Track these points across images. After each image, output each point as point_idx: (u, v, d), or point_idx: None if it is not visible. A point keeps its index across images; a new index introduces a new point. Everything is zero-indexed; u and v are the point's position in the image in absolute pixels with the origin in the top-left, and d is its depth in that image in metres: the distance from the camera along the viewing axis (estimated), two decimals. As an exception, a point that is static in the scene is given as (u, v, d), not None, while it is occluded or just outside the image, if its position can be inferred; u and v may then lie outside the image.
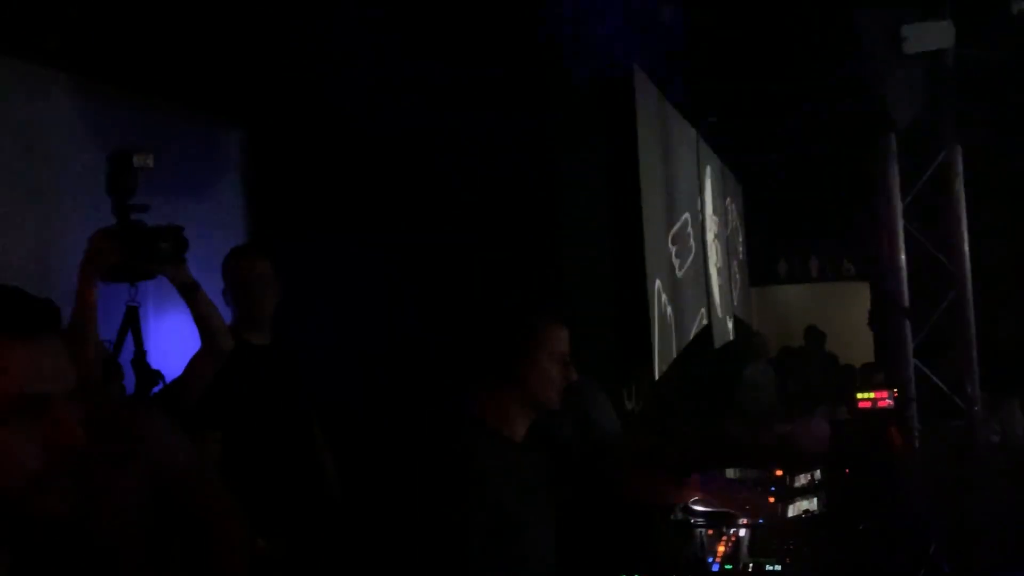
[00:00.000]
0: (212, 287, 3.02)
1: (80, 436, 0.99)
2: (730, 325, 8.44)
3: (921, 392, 3.75)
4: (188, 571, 2.15)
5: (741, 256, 9.97)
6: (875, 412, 4.14)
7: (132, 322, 2.52)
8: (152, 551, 1.96)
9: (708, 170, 7.71)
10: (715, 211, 8.00)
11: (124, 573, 1.87)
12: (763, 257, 10.86)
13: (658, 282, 4.89)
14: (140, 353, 2.54)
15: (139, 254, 2.39)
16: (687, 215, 6.35)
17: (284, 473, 2.95)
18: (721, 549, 2.54)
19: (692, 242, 6.44)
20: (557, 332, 2.19)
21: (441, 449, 2.14)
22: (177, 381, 2.69)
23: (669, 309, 5.28)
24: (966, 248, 3.75)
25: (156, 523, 1.97)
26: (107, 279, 2.37)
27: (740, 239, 10.00)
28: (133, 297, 2.49)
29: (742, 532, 2.69)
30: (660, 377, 4.79)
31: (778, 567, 2.37)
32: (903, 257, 3.70)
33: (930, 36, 3.16)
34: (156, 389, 2.62)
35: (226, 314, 2.76)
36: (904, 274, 3.70)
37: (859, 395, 4.30)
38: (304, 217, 3.96)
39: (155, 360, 2.64)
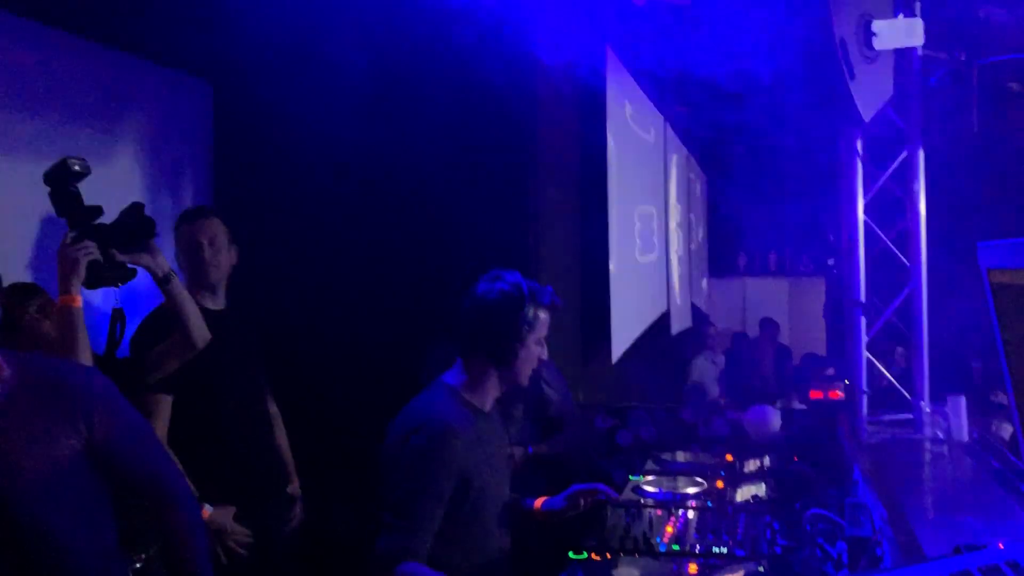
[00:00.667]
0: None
1: None
2: (688, 313, 8.51)
3: (871, 385, 3.82)
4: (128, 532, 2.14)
5: (702, 247, 10.06)
6: (826, 403, 4.22)
7: (120, 323, 2.51)
8: (82, 503, 1.95)
9: (674, 159, 7.75)
10: (679, 200, 8.04)
11: (44, 515, 1.86)
12: (723, 249, 10.98)
13: (619, 265, 4.91)
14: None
15: (112, 248, 2.37)
16: (652, 202, 6.38)
17: (233, 441, 2.93)
18: (669, 530, 2.57)
19: (655, 229, 6.48)
20: (545, 317, 2.28)
21: (415, 412, 2.19)
22: (140, 358, 2.67)
23: (630, 293, 5.30)
24: (923, 246, 3.81)
25: (89, 479, 1.95)
26: (90, 286, 2.35)
27: (702, 230, 10.08)
28: (117, 299, 2.49)
29: (690, 514, 2.73)
30: (617, 361, 4.83)
31: (724, 549, 2.41)
32: (861, 251, 3.75)
33: (900, 33, 3.19)
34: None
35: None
36: (862, 268, 3.75)
37: (812, 388, 4.38)
38: (271, 176, 3.90)
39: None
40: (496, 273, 2.26)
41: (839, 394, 4.38)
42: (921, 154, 3.77)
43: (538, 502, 2.48)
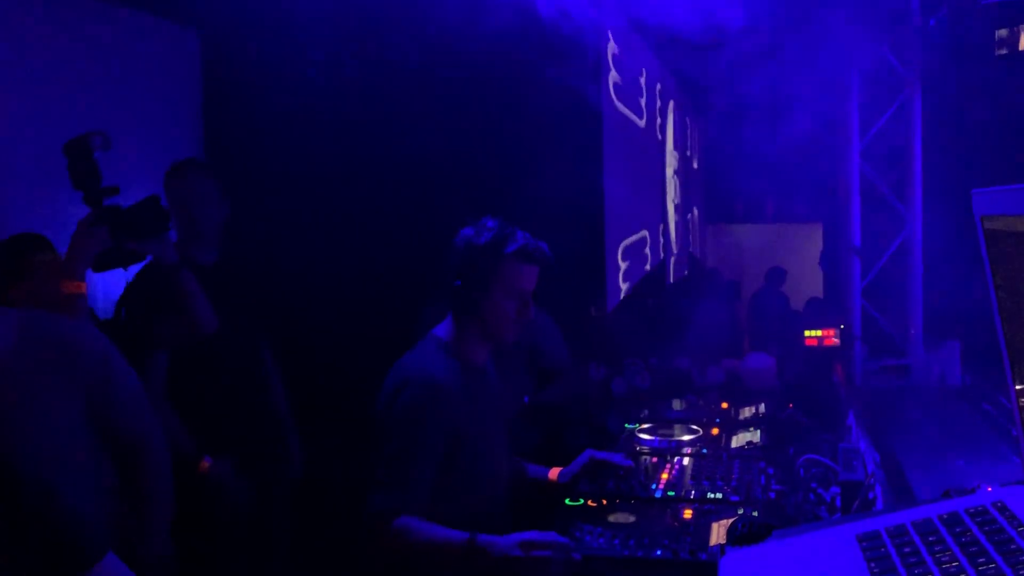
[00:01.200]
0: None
1: None
2: (685, 262, 8.51)
3: (866, 332, 3.84)
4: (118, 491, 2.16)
5: (698, 194, 10.02)
6: (821, 350, 4.24)
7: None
8: (80, 460, 1.96)
9: (671, 104, 7.67)
10: (676, 146, 7.98)
11: (46, 475, 1.87)
12: (720, 196, 10.93)
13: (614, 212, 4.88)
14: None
15: (124, 236, 2.36)
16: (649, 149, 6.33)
17: (230, 394, 2.94)
18: (665, 476, 2.60)
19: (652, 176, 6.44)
20: (522, 270, 2.21)
21: (403, 367, 2.18)
22: (137, 327, 2.68)
23: (628, 240, 5.29)
24: (919, 192, 3.80)
25: (87, 436, 1.96)
26: (99, 269, 2.34)
27: (699, 177, 10.03)
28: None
29: (685, 461, 2.76)
30: (613, 310, 4.83)
31: (719, 495, 2.44)
32: (857, 198, 3.74)
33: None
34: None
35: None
36: (857, 214, 3.74)
37: (807, 332, 4.39)
38: (262, 128, 3.85)
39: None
40: (482, 221, 2.23)
41: (835, 341, 4.40)
42: (919, 99, 3.74)
43: (553, 472, 2.50)
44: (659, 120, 6.99)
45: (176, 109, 3.78)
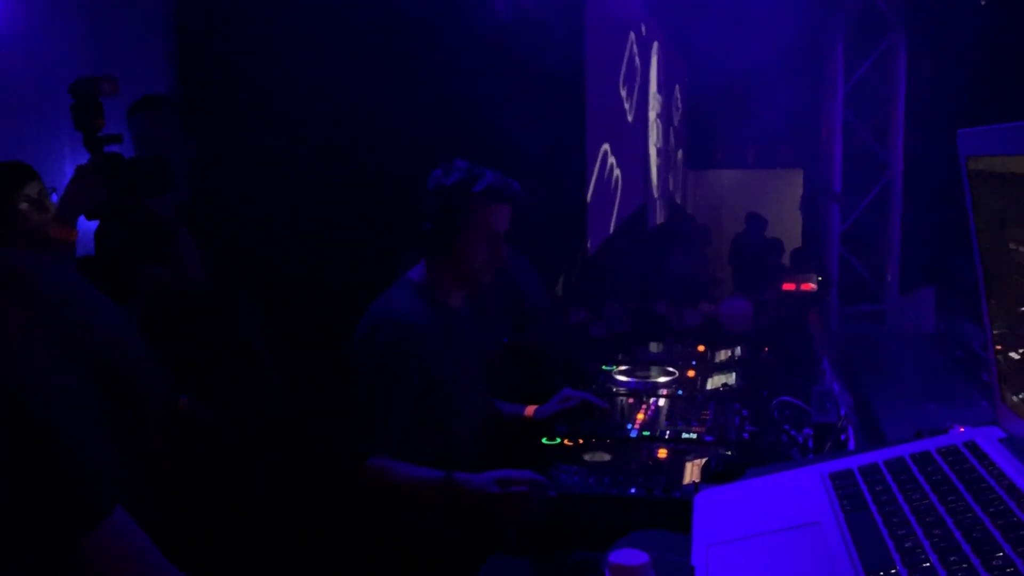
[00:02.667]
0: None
1: None
2: (666, 207, 8.50)
3: (843, 277, 3.86)
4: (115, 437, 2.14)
5: (680, 138, 9.97)
6: (798, 295, 4.27)
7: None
8: (71, 411, 1.93)
9: (655, 46, 7.57)
10: (659, 90, 7.91)
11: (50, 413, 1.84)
12: (701, 141, 10.88)
13: (606, 146, 4.85)
14: None
15: (123, 187, 2.28)
16: (626, 90, 6.27)
17: (205, 333, 2.92)
18: (640, 417, 2.62)
19: (632, 118, 6.39)
20: (492, 209, 2.18)
21: (375, 309, 2.17)
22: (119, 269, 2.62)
23: (615, 174, 5.27)
24: (900, 138, 3.79)
25: (75, 383, 1.93)
26: (93, 218, 2.26)
27: (681, 121, 9.97)
28: None
29: (661, 402, 2.79)
30: (593, 254, 4.83)
31: (693, 435, 2.46)
32: (839, 143, 3.73)
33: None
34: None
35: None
36: (839, 160, 3.73)
37: (785, 279, 4.42)
38: (239, 58, 3.74)
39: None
40: (452, 162, 2.20)
41: (811, 286, 4.43)
42: (903, 44, 3.71)
43: (529, 410, 2.51)
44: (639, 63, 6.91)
45: (142, 35, 3.66)
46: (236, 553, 2.91)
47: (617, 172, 5.70)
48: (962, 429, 1.25)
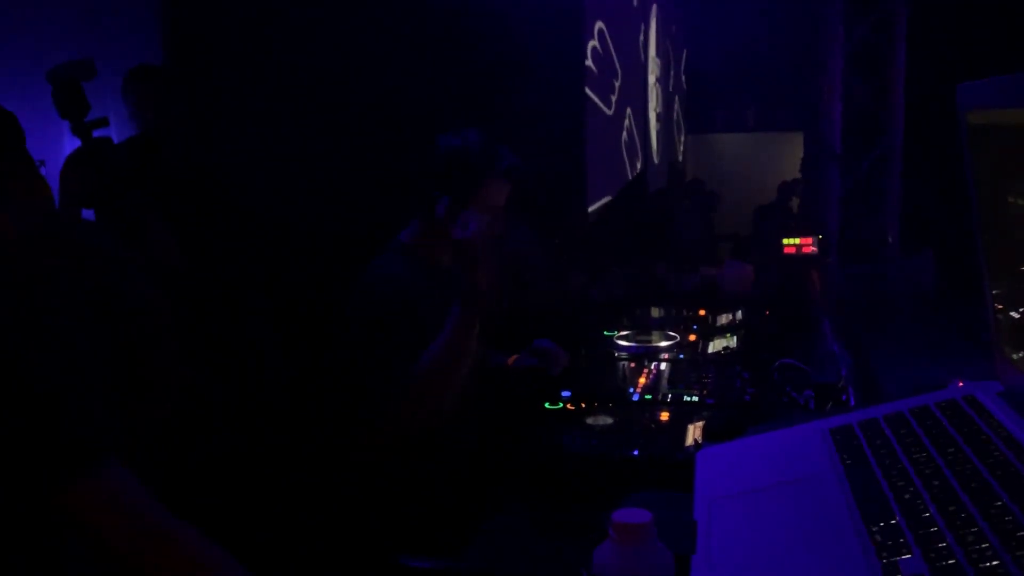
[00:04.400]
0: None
1: None
2: (665, 171, 8.47)
3: (844, 239, 3.86)
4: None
5: (681, 102, 9.91)
6: (799, 258, 4.27)
7: None
8: (94, 374, 1.93)
9: (654, 8, 7.50)
10: (658, 54, 7.84)
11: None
12: (701, 105, 10.82)
13: (594, 119, 4.83)
14: None
15: (110, 174, 2.27)
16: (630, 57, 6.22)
17: (208, 305, 2.92)
18: (642, 380, 2.64)
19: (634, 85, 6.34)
20: (502, 186, 2.18)
21: (370, 269, 2.17)
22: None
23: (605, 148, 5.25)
24: (901, 99, 3.77)
25: (102, 348, 1.93)
26: (87, 206, 2.25)
27: (682, 85, 9.90)
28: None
29: (663, 366, 2.80)
30: (593, 218, 4.82)
31: (695, 398, 2.48)
32: (839, 104, 3.71)
33: None
34: None
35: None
36: (839, 121, 3.72)
37: (785, 241, 4.41)
38: (229, 43, 3.72)
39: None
40: (465, 133, 2.19)
41: (813, 249, 4.43)
42: (904, 2, 3.68)
43: (511, 360, 2.52)
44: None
45: (140, 26, 3.63)
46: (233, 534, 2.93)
47: (622, 135, 5.68)
48: (961, 384, 1.26)
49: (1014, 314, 1.17)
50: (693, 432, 2.23)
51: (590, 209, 4.73)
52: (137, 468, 2.02)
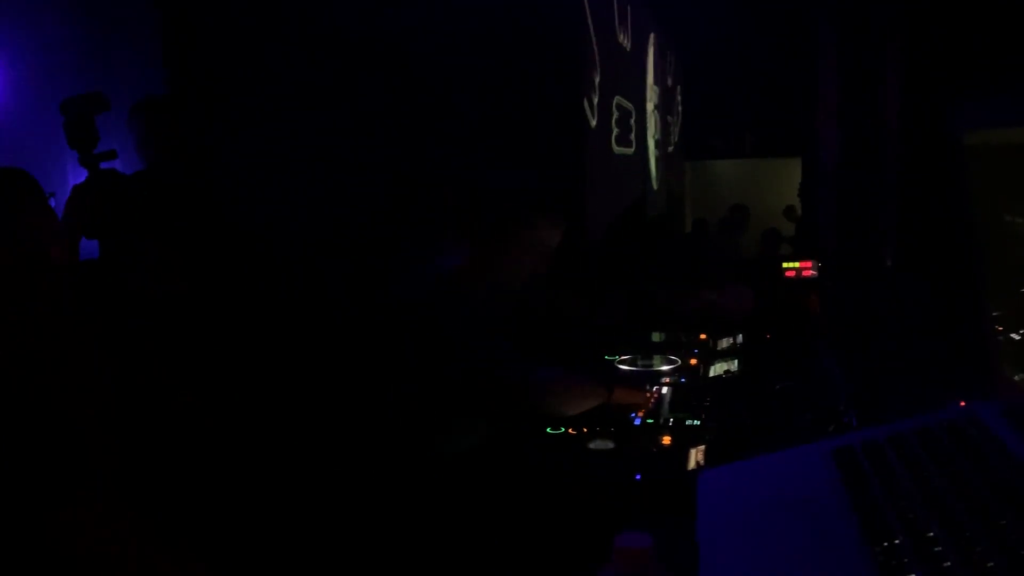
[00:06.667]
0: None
1: None
2: (664, 198, 8.50)
3: (841, 261, 3.86)
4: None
5: (678, 129, 9.96)
6: (799, 281, 4.28)
7: None
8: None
9: (652, 37, 7.57)
10: (656, 81, 7.90)
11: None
12: (698, 132, 10.87)
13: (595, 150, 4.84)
14: None
15: (113, 207, 2.30)
16: (631, 96, 6.27)
17: (188, 343, 2.92)
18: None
19: (632, 126, 6.39)
20: (549, 233, 2.29)
21: (413, 297, 2.21)
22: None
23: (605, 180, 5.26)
24: (895, 123, 3.78)
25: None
26: (91, 236, 2.28)
27: (679, 111, 9.96)
28: None
29: (664, 390, 2.79)
30: (592, 243, 4.83)
31: (697, 422, 2.47)
32: (835, 130, 3.74)
33: None
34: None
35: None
36: (835, 144, 3.74)
37: (785, 265, 4.42)
38: (231, 60, 3.74)
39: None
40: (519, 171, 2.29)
41: (812, 272, 4.43)
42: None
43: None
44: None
45: (140, 38, 3.66)
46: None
47: (618, 157, 5.71)
48: (963, 404, 1.26)
49: (1014, 335, 1.17)
50: (695, 456, 2.22)
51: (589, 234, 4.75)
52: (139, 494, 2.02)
